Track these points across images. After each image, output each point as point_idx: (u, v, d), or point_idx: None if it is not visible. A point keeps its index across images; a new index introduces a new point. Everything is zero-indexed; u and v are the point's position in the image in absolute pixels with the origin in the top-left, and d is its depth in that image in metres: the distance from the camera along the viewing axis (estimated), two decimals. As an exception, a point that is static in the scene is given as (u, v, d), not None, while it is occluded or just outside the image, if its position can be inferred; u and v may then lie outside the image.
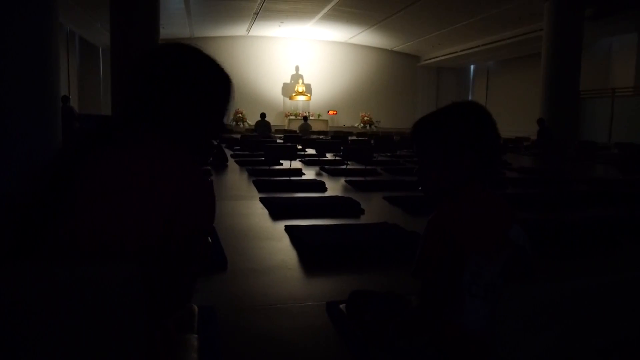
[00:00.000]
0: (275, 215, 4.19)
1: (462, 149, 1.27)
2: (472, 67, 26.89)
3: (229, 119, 11.04)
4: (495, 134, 1.33)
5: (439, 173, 1.30)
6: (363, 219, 4.26)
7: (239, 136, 13.23)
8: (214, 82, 1.03)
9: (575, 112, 14.75)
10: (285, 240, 3.35)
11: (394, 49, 26.02)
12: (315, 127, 20.66)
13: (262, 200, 4.78)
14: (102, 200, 0.86)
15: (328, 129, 21.63)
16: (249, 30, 23.16)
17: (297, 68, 25.74)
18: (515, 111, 22.02)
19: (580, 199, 5.49)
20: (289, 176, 6.79)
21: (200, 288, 2.39)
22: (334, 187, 6.01)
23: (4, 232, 0.88)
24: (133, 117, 0.97)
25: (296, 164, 8.24)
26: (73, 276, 0.87)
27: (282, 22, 21.81)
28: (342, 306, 1.92)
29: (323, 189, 5.77)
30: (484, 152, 1.29)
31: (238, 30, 23.21)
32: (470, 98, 27.20)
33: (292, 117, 24.29)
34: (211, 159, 8.24)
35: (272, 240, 3.36)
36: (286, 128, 21.87)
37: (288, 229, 3.55)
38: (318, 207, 4.49)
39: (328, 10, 19.13)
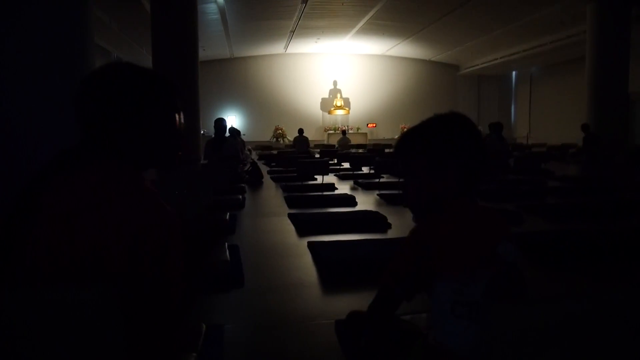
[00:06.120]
0: (302, 232, 4.21)
1: (446, 162, 1.25)
2: (514, 73, 26.24)
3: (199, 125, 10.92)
4: (480, 144, 1.29)
5: (423, 187, 1.28)
6: (390, 234, 4.21)
7: (276, 152, 13.40)
8: (152, 91, 1.05)
9: (625, 116, 14.08)
10: (307, 257, 3.36)
11: (433, 59, 25.78)
12: (355, 140, 20.66)
13: (289, 216, 4.82)
14: (58, 227, 0.90)
15: (367, 142, 21.59)
16: (286, 47, 23.56)
17: (335, 83, 25.90)
18: (561, 117, 21.28)
19: (627, 207, 5.21)
20: (322, 191, 6.80)
21: (214, 305, 2.44)
22: (365, 201, 5.97)
23: None
24: (87, 141, 1.01)
25: (331, 179, 8.26)
26: (48, 299, 0.91)
27: (318, 38, 22.07)
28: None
29: (353, 203, 5.75)
30: (469, 164, 1.25)
31: (276, 48, 23.66)
32: (513, 105, 26.52)
33: (331, 132, 24.41)
34: (247, 175, 8.40)
35: (294, 257, 3.37)
36: (326, 143, 21.98)
37: (310, 245, 3.55)
38: (345, 222, 4.48)
39: (363, 24, 19.22)
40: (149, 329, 1.04)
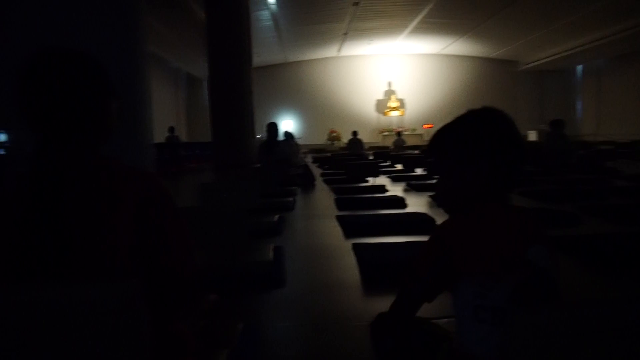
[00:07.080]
0: (348, 234, 4.21)
1: (478, 158, 1.20)
2: (579, 67, 24.93)
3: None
4: (515, 141, 1.22)
5: (455, 184, 1.24)
6: (438, 236, 4.12)
7: (329, 155, 13.45)
8: (100, 73, 1.07)
9: None
10: (351, 258, 3.35)
11: (490, 55, 25.00)
12: (410, 142, 20.39)
13: (337, 218, 4.82)
14: (86, 225, 0.95)
15: (423, 143, 21.24)
16: (339, 50, 23.65)
17: (389, 84, 25.70)
18: (633, 113, 19.98)
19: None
20: (372, 193, 6.76)
21: (255, 305, 2.49)
22: (416, 203, 5.88)
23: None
24: (53, 137, 1.00)
25: (383, 181, 8.20)
26: (73, 297, 0.96)
27: (371, 40, 21.99)
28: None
29: (402, 205, 5.67)
30: (502, 160, 1.20)
31: (329, 51, 23.80)
32: (579, 101, 25.19)
33: (386, 133, 24.23)
34: (299, 179, 8.49)
35: (338, 258, 3.38)
36: (381, 144, 21.84)
37: (355, 246, 3.54)
38: (392, 224, 4.43)
39: (416, 24, 18.96)
40: (170, 306, 1.10)
